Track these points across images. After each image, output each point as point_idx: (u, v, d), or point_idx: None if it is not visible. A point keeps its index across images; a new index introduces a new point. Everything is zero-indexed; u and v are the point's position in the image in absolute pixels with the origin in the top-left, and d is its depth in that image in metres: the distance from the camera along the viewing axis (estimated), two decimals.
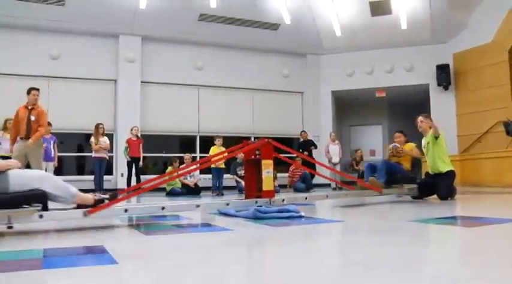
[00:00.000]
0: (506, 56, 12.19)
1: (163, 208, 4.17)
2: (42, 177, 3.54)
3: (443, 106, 13.54)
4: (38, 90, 7.65)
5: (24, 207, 3.36)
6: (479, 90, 12.87)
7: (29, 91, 7.58)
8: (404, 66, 14.16)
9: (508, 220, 3.77)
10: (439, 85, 13.67)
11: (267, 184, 4.94)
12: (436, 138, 6.43)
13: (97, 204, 3.69)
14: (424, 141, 6.78)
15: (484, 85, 12.73)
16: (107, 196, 3.86)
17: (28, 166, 7.54)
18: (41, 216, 3.40)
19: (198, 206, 4.65)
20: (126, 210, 4.01)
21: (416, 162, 7.15)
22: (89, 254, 2.59)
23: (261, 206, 4.51)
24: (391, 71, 14.29)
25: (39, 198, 3.42)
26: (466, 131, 12.99)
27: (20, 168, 3.61)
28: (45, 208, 3.46)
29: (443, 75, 13.51)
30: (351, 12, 13.10)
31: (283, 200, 4.94)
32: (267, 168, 4.97)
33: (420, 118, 6.77)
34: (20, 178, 3.42)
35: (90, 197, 3.75)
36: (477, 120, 12.77)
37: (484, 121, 12.49)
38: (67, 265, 2.22)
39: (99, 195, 3.86)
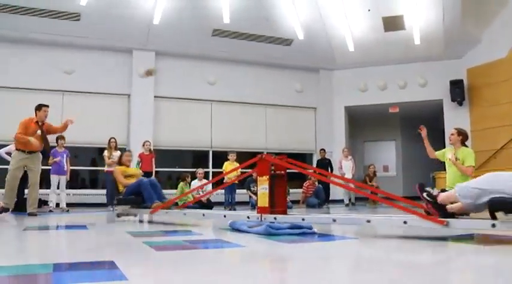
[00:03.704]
0: None
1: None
2: None
3: (457, 122, 13.23)
4: (48, 106, 7.81)
5: None
6: (494, 106, 12.71)
7: (39, 108, 7.67)
8: (418, 82, 14.06)
9: None
10: (453, 100, 13.54)
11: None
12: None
13: None
14: (450, 154, 6.24)
15: (498, 100, 12.56)
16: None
17: (25, 179, 7.59)
18: None
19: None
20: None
21: None
22: (99, 269, 2.55)
23: (273, 222, 4.45)
24: (405, 86, 14.21)
25: None
26: (481, 147, 12.77)
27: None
28: None
29: (457, 91, 13.37)
30: (364, 28, 13.08)
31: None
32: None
33: (453, 130, 6.27)
34: None
35: None
36: (492, 135, 12.58)
37: (499, 137, 12.32)
38: (77, 280, 2.18)
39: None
